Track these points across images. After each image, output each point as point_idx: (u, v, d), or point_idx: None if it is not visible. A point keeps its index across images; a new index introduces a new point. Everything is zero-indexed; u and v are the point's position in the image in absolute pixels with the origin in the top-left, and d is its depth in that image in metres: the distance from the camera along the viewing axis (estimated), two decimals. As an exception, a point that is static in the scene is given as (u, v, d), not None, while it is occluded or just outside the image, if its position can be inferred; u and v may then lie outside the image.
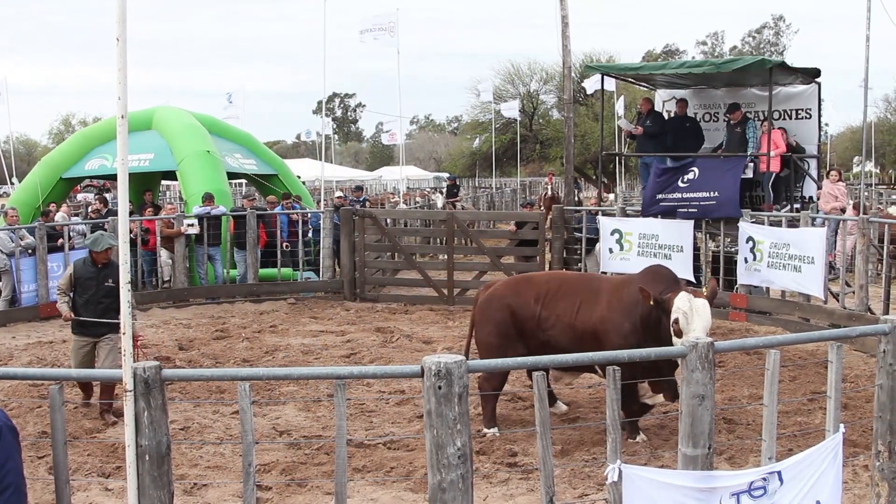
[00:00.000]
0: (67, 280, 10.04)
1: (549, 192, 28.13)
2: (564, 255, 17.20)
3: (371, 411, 9.93)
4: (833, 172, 16.49)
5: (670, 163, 16.33)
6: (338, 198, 21.40)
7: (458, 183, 33.38)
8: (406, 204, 31.59)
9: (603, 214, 16.76)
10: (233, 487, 7.51)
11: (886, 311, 12.41)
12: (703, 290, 8.92)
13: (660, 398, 8.90)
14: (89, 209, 19.33)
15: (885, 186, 49.58)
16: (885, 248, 13.27)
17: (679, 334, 8.02)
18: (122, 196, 4.85)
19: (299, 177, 26.23)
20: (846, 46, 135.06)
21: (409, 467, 8.04)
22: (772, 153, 15.36)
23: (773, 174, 15.69)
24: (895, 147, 54.71)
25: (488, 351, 9.40)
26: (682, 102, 17.36)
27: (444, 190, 30.26)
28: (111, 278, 9.74)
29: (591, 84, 34.35)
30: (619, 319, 8.78)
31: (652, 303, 8.31)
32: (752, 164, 15.71)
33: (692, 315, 8.02)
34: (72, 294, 9.98)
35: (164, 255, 17.10)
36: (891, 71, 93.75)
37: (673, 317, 8.12)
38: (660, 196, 15.67)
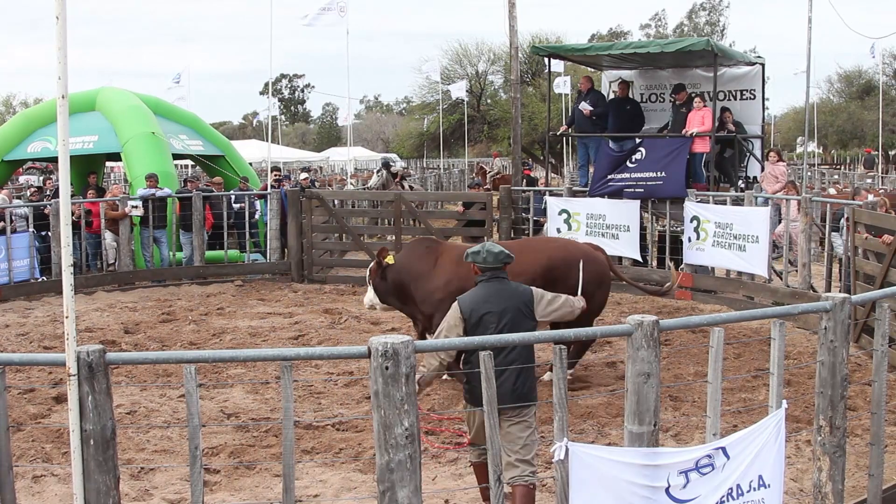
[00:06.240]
0: (457, 327, 5.95)
1: (483, 168, 27.89)
2: (512, 236, 17.28)
3: (319, 393, 9.91)
4: (772, 154, 16.69)
5: (613, 144, 16.43)
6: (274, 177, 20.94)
7: (391, 162, 32.96)
8: (353, 185, 31.35)
9: (550, 195, 16.84)
10: (180, 471, 7.47)
11: (828, 289, 12.64)
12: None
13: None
14: (30, 192, 18.94)
15: (827, 166, 50.40)
16: (828, 226, 13.51)
17: None
18: (63, 178, 4.76)
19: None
20: (788, 28, 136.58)
21: (357, 448, 8.05)
22: (695, 131, 15.39)
23: (703, 154, 15.72)
24: (837, 128, 55.52)
25: None
26: (623, 84, 17.38)
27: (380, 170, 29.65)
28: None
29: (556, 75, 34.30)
30: None
31: None
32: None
33: None
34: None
35: (108, 237, 16.85)
36: (831, 53, 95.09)
37: None
38: (610, 176, 15.79)
